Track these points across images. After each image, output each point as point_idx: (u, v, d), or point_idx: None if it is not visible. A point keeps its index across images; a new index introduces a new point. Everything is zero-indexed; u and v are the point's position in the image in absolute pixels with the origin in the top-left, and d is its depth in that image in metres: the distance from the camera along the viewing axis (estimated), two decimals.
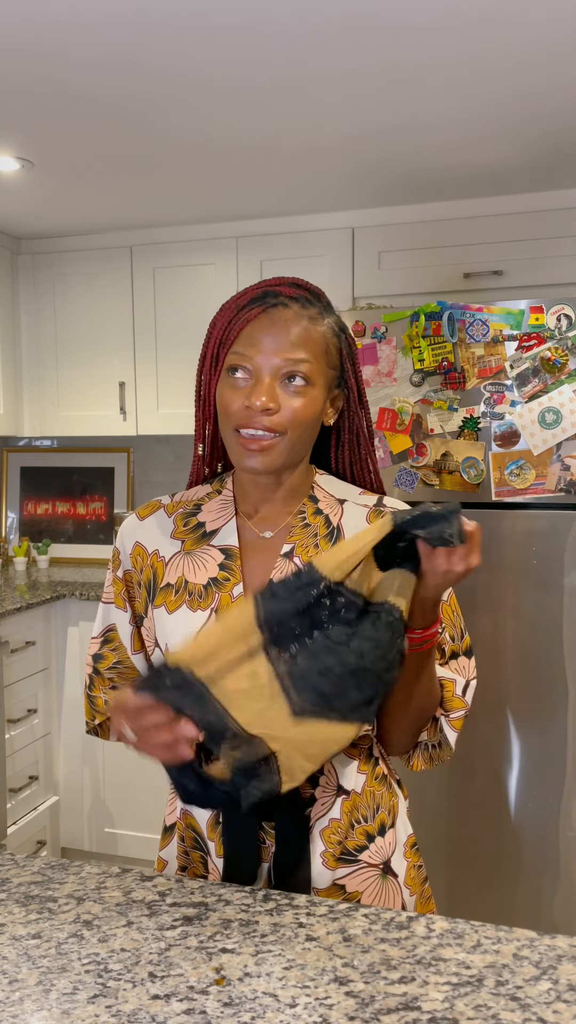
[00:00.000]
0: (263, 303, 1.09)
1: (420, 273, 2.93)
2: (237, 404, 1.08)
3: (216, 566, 1.15)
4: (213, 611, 1.13)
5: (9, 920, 0.92)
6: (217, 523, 1.19)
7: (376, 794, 1.19)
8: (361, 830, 1.16)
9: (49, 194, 2.83)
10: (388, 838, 1.19)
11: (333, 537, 1.16)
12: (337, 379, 1.16)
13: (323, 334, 1.11)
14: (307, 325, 1.09)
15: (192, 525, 1.19)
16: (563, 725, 2.35)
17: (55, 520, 3.78)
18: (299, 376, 1.08)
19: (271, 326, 1.08)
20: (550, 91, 2.05)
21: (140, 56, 1.84)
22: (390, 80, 1.97)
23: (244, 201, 2.90)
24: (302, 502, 1.19)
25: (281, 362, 1.07)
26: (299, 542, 1.16)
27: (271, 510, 1.18)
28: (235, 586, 1.13)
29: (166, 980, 0.80)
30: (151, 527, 1.21)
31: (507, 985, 0.79)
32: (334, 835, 1.13)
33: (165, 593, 1.17)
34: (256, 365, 1.08)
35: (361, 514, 1.18)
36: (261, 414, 1.07)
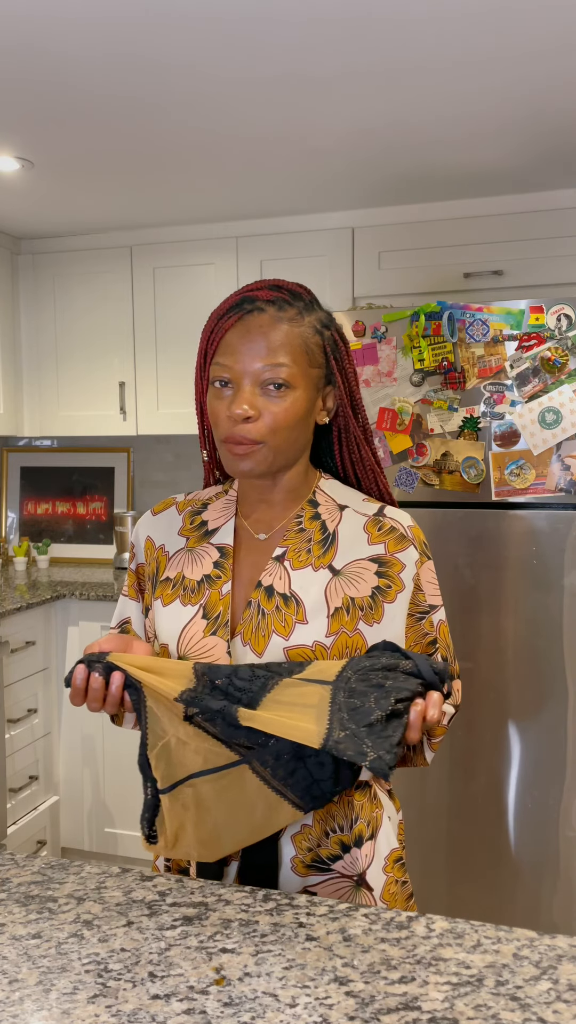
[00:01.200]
0: (240, 310, 1.11)
1: (420, 273, 2.93)
2: (222, 415, 1.11)
3: (211, 563, 1.17)
4: (201, 607, 1.14)
5: (9, 920, 0.92)
6: (218, 522, 1.21)
7: (355, 804, 1.15)
8: (336, 839, 1.13)
9: (49, 194, 2.83)
10: (365, 850, 1.15)
11: (327, 543, 1.16)
12: (324, 377, 1.15)
13: (302, 335, 1.11)
14: (285, 328, 1.10)
15: (197, 523, 1.22)
16: (563, 725, 2.35)
17: (55, 520, 3.78)
18: (278, 380, 1.09)
19: (246, 333, 1.09)
20: (550, 91, 2.05)
21: (140, 56, 1.84)
22: (390, 79, 1.97)
23: (244, 201, 2.90)
24: (301, 506, 1.19)
25: (259, 368, 1.09)
26: (292, 546, 1.16)
27: (268, 512, 1.20)
28: (224, 584, 1.15)
29: (166, 980, 0.80)
30: (162, 523, 1.25)
31: (507, 985, 0.79)
32: (305, 841, 1.12)
33: (163, 586, 1.19)
34: (235, 374, 1.10)
35: (359, 523, 1.17)
36: (242, 423, 1.09)
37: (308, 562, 1.14)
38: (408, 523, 1.19)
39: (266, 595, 1.13)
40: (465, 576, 2.41)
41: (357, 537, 1.16)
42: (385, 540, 1.16)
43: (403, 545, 1.17)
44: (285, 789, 1.02)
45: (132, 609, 1.26)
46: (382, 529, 1.17)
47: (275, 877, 1.11)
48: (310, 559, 1.14)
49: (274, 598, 1.13)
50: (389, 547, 1.16)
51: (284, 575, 1.14)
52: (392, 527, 1.17)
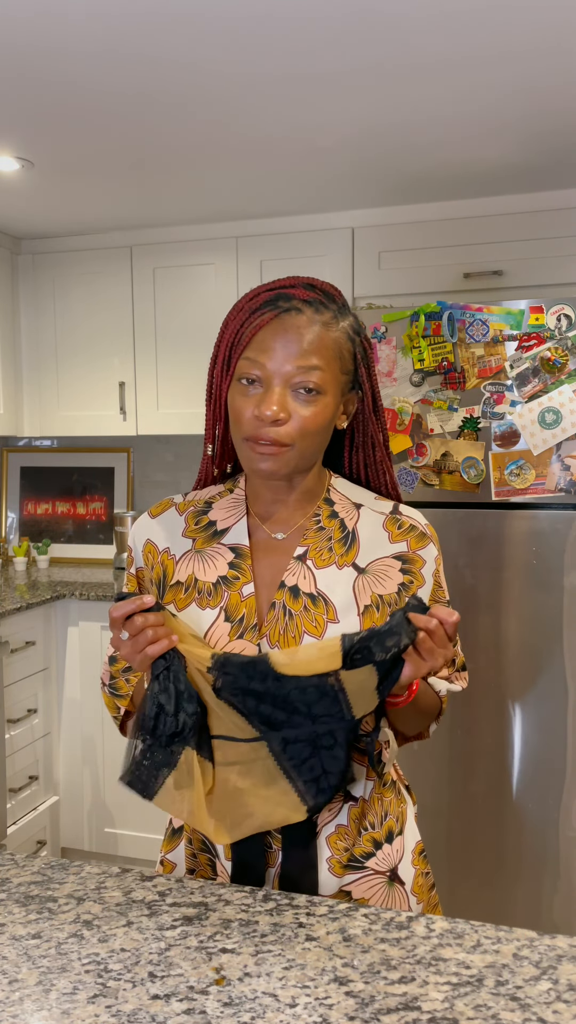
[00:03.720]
0: (275, 307, 1.07)
1: (420, 273, 2.93)
2: (248, 413, 1.07)
3: (226, 564, 1.15)
4: (222, 609, 1.12)
5: (9, 920, 0.92)
6: (228, 522, 1.18)
7: (384, 801, 1.18)
8: (368, 837, 1.15)
9: (49, 194, 2.83)
10: (396, 845, 1.18)
11: (348, 542, 1.15)
12: (350, 383, 1.14)
13: (336, 340, 1.09)
14: (320, 331, 1.07)
15: (203, 524, 1.19)
16: (563, 725, 2.35)
17: (55, 520, 3.78)
18: (310, 385, 1.06)
19: (283, 333, 1.06)
20: (551, 91, 2.05)
21: (140, 56, 1.84)
22: (390, 79, 1.97)
23: (244, 201, 2.90)
24: (317, 505, 1.18)
25: (292, 370, 1.06)
26: (312, 545, 1.15)
27: (284, 512, 1.17)
28: (245, 585, 1.13)
29: (166, 980, 0.80)
30: (162, 525, 1.21)
31: (507, 985, 0.79)
32: (341, 841, 1.12)
33: (175, 591, 1.16)
34: (267, 373, 1.06)
35: (378, 521, 1.17)
36: (270, 424, 1.06)
37: (331, 561, 1.13)
38: (424, 521, 1.20)
39: (291, 595, 1.12)
40: (465, 576, 2.41)
41: (377, 535, 1.16)
42: (407, 538, 1.16)
43: (424, 543, 1.17)
44: (295, 775, 1.04)
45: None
46: (402, 527, 1.17)
47: (315, 880, 1.11)
48: (332, 558, 1.14)
49: (301, 598, 1.11)
50: (411, 544, 1.16)
51: (308, 574, 1.13)
52: (412, 525, 1.18)
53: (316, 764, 1.04)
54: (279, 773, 1.04)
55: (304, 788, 1.04)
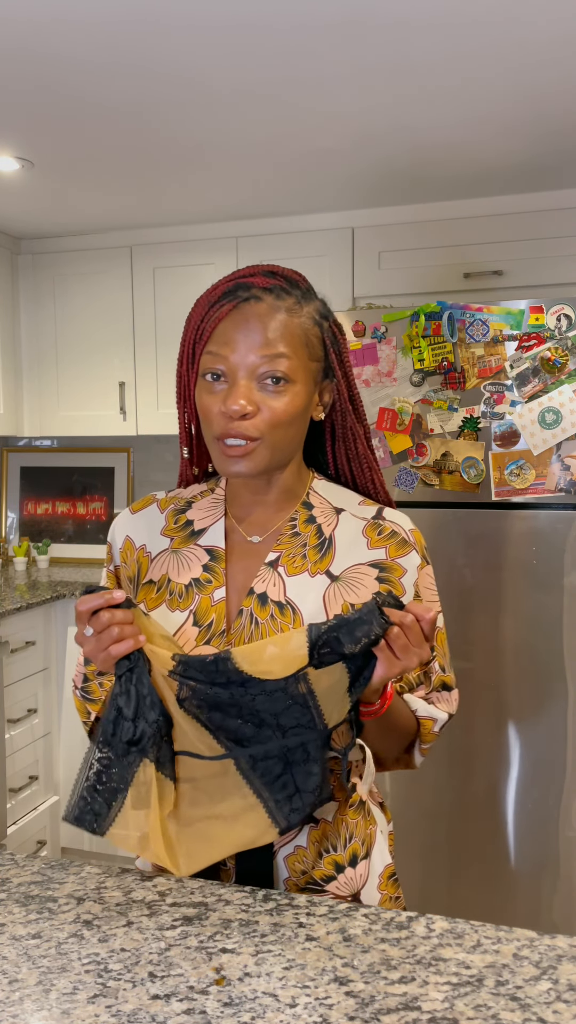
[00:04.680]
0: (234, 297, 1.03)
1: (420, 273, 2.93)
2: (215, 410, 1.03)
3: (200, 567, 1.11)
4: (192, 613, 1.08)
5: (9, 920, 0.92)
6: (205, 522, 1.14)
7: (349, 823, 1.11)
8: (330, 859, 1.09)
9: (49, 194, 2.83)
10: (360, 869, 1.12)
11: (323, 548, 1.10)
12: (323, 370, 1.09)
13: (301, 325, 1.04)
14: (283, 318, 1.03)
15: (182, 523, 1.15)
16: (563, 725, 2.35)
17: (55, 520, 3.78)
18: (277, 374, 1.02)
19: (244, 323, 1.02)
20: (551, 90, 2.05)
21: (140, 56, 1.84)
22: (390, 79, 1.97)
23: (244, 201, 2.90)
24: (295, 508, 1.13)
25: (256, 360, 1.01)
26: (286, 551, 1.10)
27: (262, 513, 1.13)
28: (216, 589, 1.09)
29: (166, 980, 0.80)
30: (142, 522, 1.17)
31: (507, 985, 0.79)
32: (298, 864, 1.08)
33: (147, 589, 1.13)
34: (230, 366, 1.02)
35: (358, 527, 1.12)
36: (239, 420, 1.01)
37: (304, 568, 1.08)
38: (409, 526, 1.14)
39: (259, 603, 1.07)
40: (465, 576, 2.40)
41: (355, 542, 1.10)
42: (386, 545, 1.11)
43: (405, 550, 1.11)
44: (267, 794, 0.98)
45: None
46: (382, 533, 1.11)
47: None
48: (305, 564, 1.08)
49: (268, 606, 1.07)
50: (390, 552, 1.10)
51: (278, 582, 1.08)
52: (393, 531, 1.12)
53: (288, 781, 0.98)
54: (249, 792, 0.98)
55: (276, 808, 0.98)
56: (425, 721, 1.14)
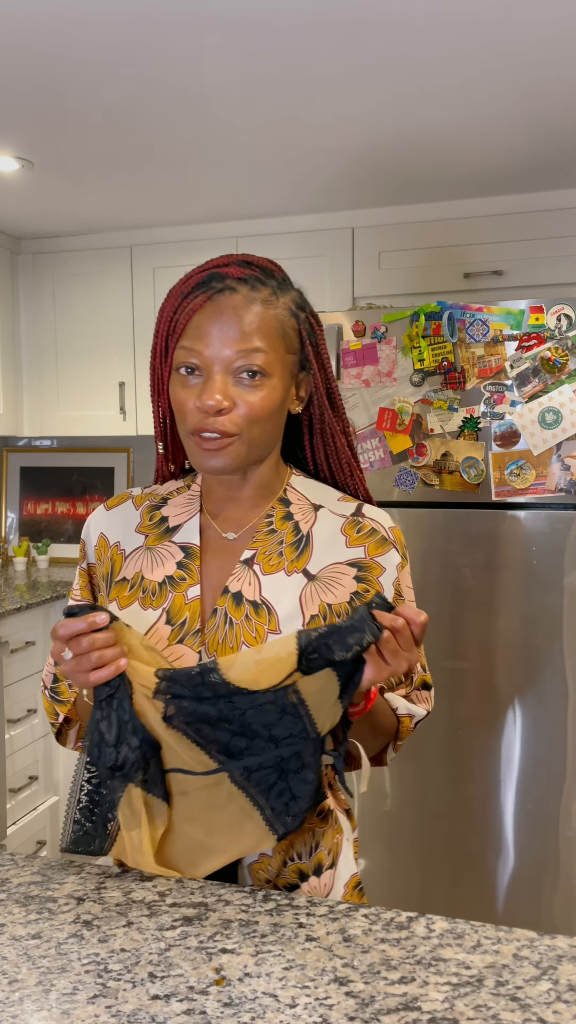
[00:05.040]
0: (208, 289, 1.00)
1: (420, 273, 2.93)
2: (190, 405, 1.00)
3: (174, 564, 1.08)
4: (165, 611, 1.06)
5: (9, 920, 0.92)
6: (180, 519, 1.12)
7: (316, 832, 1.09)
8: (295, 868, 1.07)
9: (49, 194, 2.83)
10: (324, 879, 1.09)
11: (300, 546, 1.07)
12: (300, 363, 1.07)
13: (277, 317, 1.02)
14: (259, 310, 1.00)
15: (157, 519, 1.12)
16: (563, 725, 2.35)
17: (55, 520, 3.78)
18: (253, 368, 0.99)
19: (218, 315, 0.99)
20: (551, 90, 2.05)
21: (140, 55, 1.84)
22: (390, 79, 1.97)
23: (244, 201, 2.90)
24: (272, 504, 1.10)
25: (232, 354, 0.99)
26: (262, 549, 1.07)
27: (237, 510, 1.10)
28: (191, 587, 1.06)
29: (166, 980, 0.80)
30: (117, 518, 1.14)
31: (507, 985, 0.79)
32: (263, 872, 1.06)
33: (120, 587, 1.10)
34: (205, 360, 0.99)
35: (336, 524, 1.09)
36: (214, 415, 0.99)
37: (280, 566, 1.06)
38: (389, 524, 1.11)
39: (234, 602, 1.04)
40: (465, 576, 2.40)
41: (334, 540, 1.08)
42: (365, 543, 1.08)
43: (384, 549, 1.08)
44: (263, 800, 0.96)
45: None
46: (361, 531, 1.09)
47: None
48: (282, 563, 1.06)
49: (243, 606, 1.04)
50: (369, 551, 1.08)
51: (254, 580, 1.05)
52: (372, 529, 1.09)
53: (284, 789, 0.96)
54: (245, 802, 0.97)
55: (273, 816, 0.97)
56: (404, 719, 1.12)
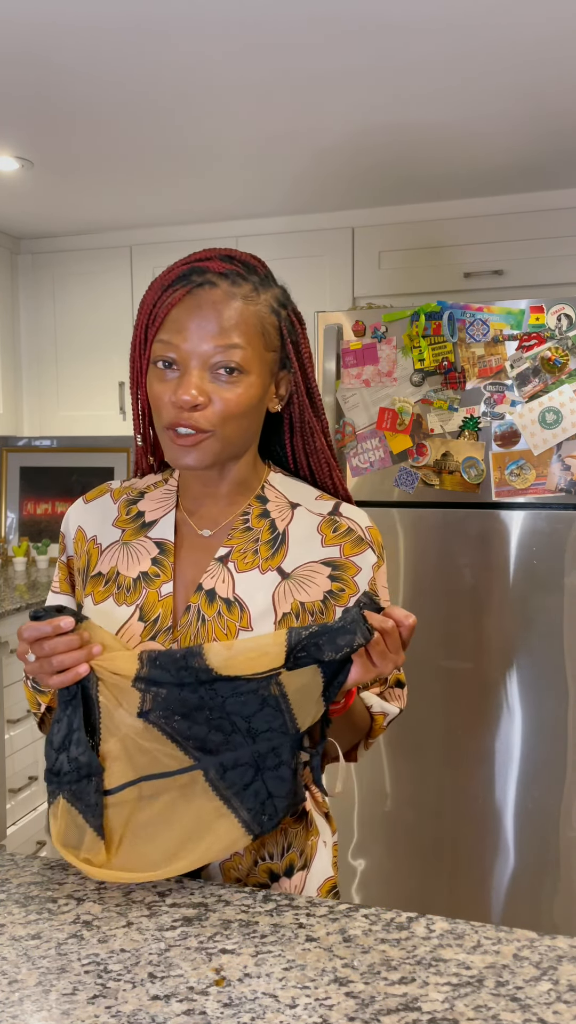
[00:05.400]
0: (188, 282, 0.99)
1: (420, 273, 2.93)
2: (166, 399, 0.99)
3: (149, 560, 1.08)
4: (138, 607, 1.05)
5: (9, 920, 0.92)
6: (156, 514, 1.11)
7: (288, 832, 1.08)
8: (265, 867, 1.06)
9: (49, 194, 2.83)
10: (295, 880, 1.08)
11: (276, 544, 1.07)
12: (280, 361, 1.06)
13: (257, 313, 1.00)
14: (238, 306, 0.99)
15: (133, 514, 1.12)
16: (563, 725, 2.35)
17: (55, 520, 3.78)
18: (231, 364, 0.98)
19: (197, 310, 0.98)
20: (550, 89, 2.04)
21: (140, 55, 1.84)
22: (390, 79, 1.97)
23: (244, 201, 2.90)
24: (248, 501, 1.10)
25: (210, 350, 0.97)
26: (237, 546, 1.07)
27: (213, 507, 1.10)
28: (164, 584, 1.06)
29: (166, 981, 0.80)
30: (95, 512, 1.14)
31: (507, 986, 0.79)
32: (233, 871, 1.05)
33: (95, 582, 1.09)
34: (182, 354, 0.98)
35: (313, 523, 1.09)
36: (189, 410, 0.98)
37: (255, 564, 1.05)
38: (366, 523, 1.11)
39: (207, 599, 1.04)
40: (465, 576, 2.40)
41: (310, 538, 1.07)
42: (341, 543, 1.08)
43: (360, 548, 1.08)
44: (237, 802, 0.95)
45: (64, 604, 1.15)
46: (338, 531, 1.08)
47: None
48: (257, 560, 1.05)
49: (216, 603, 1.04)
50: (345, 550, 1.07)
51: (228, 578, 1.05)
52: (349, 528, 1.09)
53: (260, 788, 0.95)
54: (219, 803, 0.95)
55: (249, 817, 0.95)
56: (378, 716, 1.12)
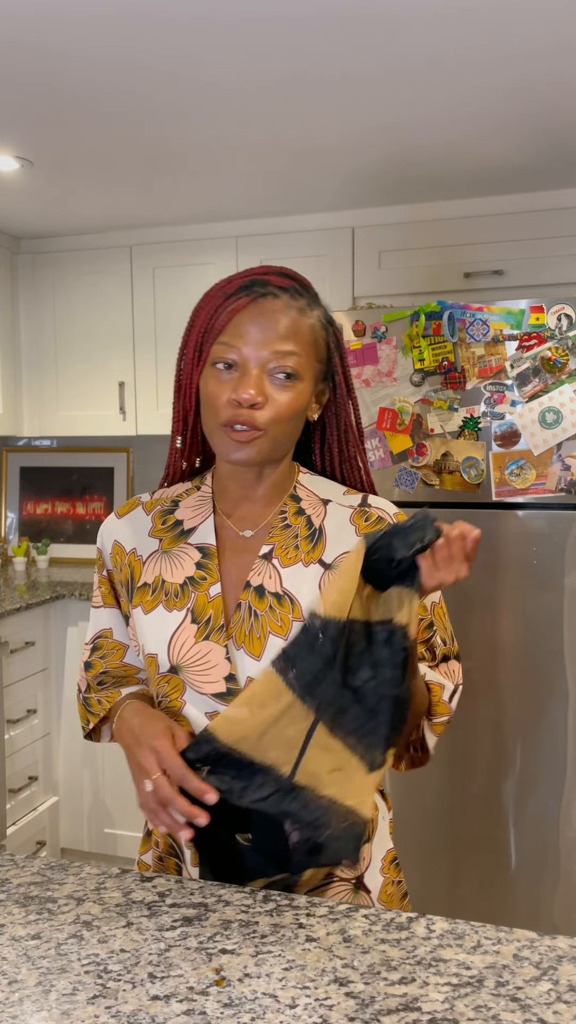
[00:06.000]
0: (251, 292, 1.06)
1: (420, 273, 2.93)
2: (224, 398, 1.05)
3: (193, 565, 1.13)
4: (189, 611, 1.10)
5: (9, 921, 0.92)
6: (195, 521, 1.16)
7: None
8: None
9: (49, 194, 2.83)
10: (363, 853, 1.14)
11: (315, 539, 1.13)
12: (324, 373, 1.13)
13: (312, 326, 1.09)
14: (296, 316, 1.07)
15: (170, 523, 1.17)
16: (563, 725, 2.35)
17: (54, 520, 3.78)
18: (288, 370, 1.05)
19: (260, 316, 1.05)
20: (551, 91, 2.04)
21: (139, 56, 1.84)
22: (390, 79, 1.97)
23: (244, 201, 2.90)
24: (283, 501, 1.16)
25: (269, 355, 1.04)
26: (279, 543, 1.12)
27: (251, 508, 1.15)
28: (212, 585, 1.11)
29: (166, 981, 0.80)
30: (129, 525, 1.19)
31: (507, 986, 0.79)
32: None
33: (142, 592, 1.14)
34: (243, 357, 1.05)
35: (345, 515, 1.15)
36: (248, 408, 1.04)
37: (297, 559, 1.11)
38: (393, 511, 1.17)
39: (257, 595, 1.09)
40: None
41: (344, 529, 1.14)
42: (374, 530, 1.13)
43: None
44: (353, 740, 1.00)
45: (110, 618, 1.21)
46: (369, 520, 1.15)
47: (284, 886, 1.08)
48: (299, 555, 1.11)
49: (266, 598, 1.09)
50: None
51: (274, 573, 1.10)
52: (379, 516, 1.15)
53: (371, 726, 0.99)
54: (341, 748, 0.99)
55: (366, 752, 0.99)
56: (434, 687, 1.16)
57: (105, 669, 1.21)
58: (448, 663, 1.22)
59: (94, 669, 1.22)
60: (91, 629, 1.23)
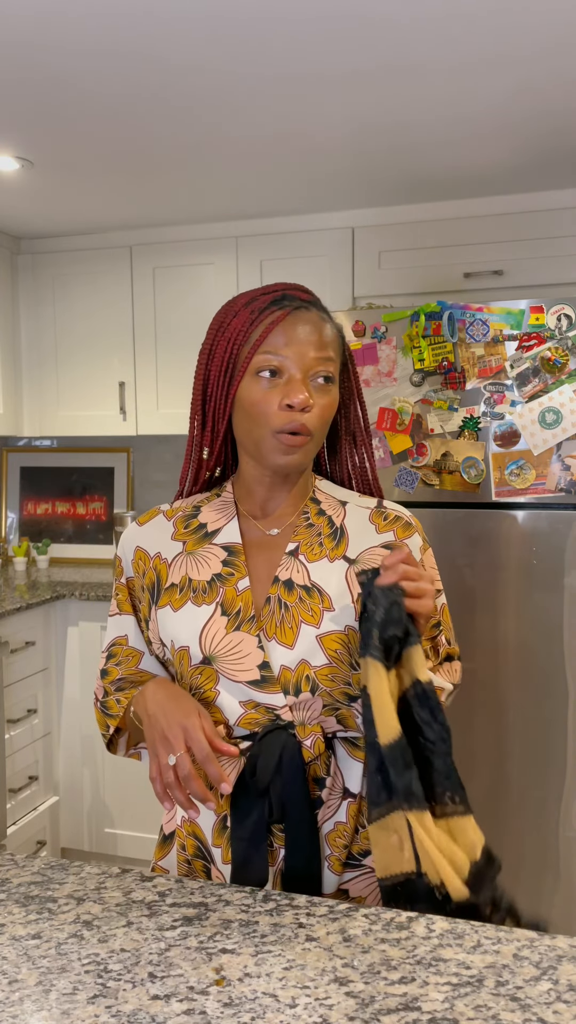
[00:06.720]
0: (284, 305, 1.11)
1: (420, 273, 2.93)
2: (275, 405, 1.09)
3: (219, 563, 1.16)
4: (218, 604, 1.13)
5: (9, 920, 0.92)
6: (219, 523, 1.19)
7: None
8: (366, 834, 1.14)
9: (49, 194, 2.83)
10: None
11: (337, 536, 1.17)
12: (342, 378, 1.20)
13: (336, 335, 1.15)
14: (329, 326, 1.13)
15: (193, 527, 1.20)
16: (563, 725, 2.35)
17: (55, 520, 3.78)
18: (328, 374, 1.11)
19: (301, 325, 1.10)
20: (551, 91, 2.04)
21: (140, 55, 1.84)
22: (390, 79, 1.97)
23: (244, 201, 2.90)
24: (305, 503, 1.20)
25: (312, 361, 1.10)
26: (304, 540, 1.16)
27: (276, 509, 1.19)
28: (240, 580, 1.14)
29: (166, 980, 0.80)
30: (151, 532, 1.22)
31: (507, 985, 0.79)
32: (340, 839, 1.13)
33: (170, 593, 1.16)
34: (288, 364, 1.09)
35: (364, 515, 1.20)
36: (300, 412, 1.09)
37: (322, 555, 1.15)
38: (408, 513, 1.23)
39: (286, 589, 1.13)
40: (465, 576, 2.40)
41: (365, 528, 1.18)
42: (393, 528, 1.19)
43: (410, 532, 1.20)
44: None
45: (126, 625, 1.22)
46: (387, 519, 1.20)
47: (319, 878, 1.11)
48: (324, 552, 1.15)
49: (295, 590, 1.13)
50: (398, 534, 1.19)
51: (301, 568, 1.14)
52: (397, 516, 1.21)
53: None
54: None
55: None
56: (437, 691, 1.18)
57: (121, 676, 1.22)
58: (451, 663, 1.25)
59: (110, 676, 1.22)
60: (107, 637, 1.25)
